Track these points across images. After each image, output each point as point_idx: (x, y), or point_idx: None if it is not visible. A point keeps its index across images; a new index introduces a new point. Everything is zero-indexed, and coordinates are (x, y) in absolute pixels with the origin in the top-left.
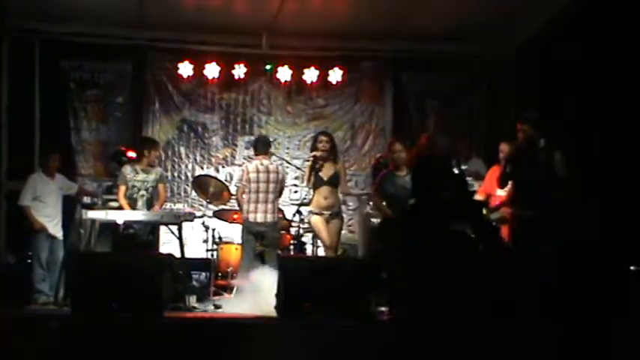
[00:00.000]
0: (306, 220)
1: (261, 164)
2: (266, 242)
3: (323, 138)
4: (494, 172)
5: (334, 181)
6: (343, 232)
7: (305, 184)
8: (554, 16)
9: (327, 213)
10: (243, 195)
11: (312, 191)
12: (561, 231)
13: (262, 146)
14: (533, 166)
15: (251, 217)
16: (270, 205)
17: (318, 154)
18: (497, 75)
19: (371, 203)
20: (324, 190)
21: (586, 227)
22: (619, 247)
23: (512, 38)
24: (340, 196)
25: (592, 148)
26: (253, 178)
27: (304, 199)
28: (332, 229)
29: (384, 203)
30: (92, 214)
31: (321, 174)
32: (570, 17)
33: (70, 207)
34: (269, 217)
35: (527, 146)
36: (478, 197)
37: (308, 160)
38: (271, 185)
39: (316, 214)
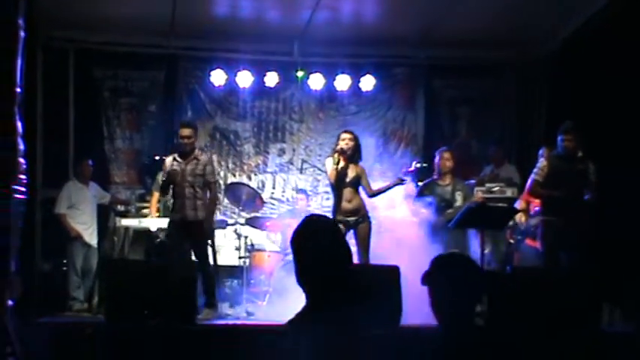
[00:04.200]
0: None
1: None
2: None
3: (346, 136)
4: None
5: (356, 183)
6: None
7: (329, 181)
8: (585, 21)
9: (352, 219)
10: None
11: (332, 194)
12: (594, 236)
13: None
14: (572, 174)
15: None
16: None
17: (345, 147)
18: (529, 80)
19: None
20: (348, 192)
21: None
22: None
23: (543, 43)
24: (368, 200)
25: (620, 151)
26: None
27: None
28: (360, 236)
29: (422, 209)
30: (125, 222)
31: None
32: (601, 22)
33: (104, 215)
34: None
35: (568, 155)
36: (519, 204)
37: (332, 156)
38: None
39: (340, 222)
